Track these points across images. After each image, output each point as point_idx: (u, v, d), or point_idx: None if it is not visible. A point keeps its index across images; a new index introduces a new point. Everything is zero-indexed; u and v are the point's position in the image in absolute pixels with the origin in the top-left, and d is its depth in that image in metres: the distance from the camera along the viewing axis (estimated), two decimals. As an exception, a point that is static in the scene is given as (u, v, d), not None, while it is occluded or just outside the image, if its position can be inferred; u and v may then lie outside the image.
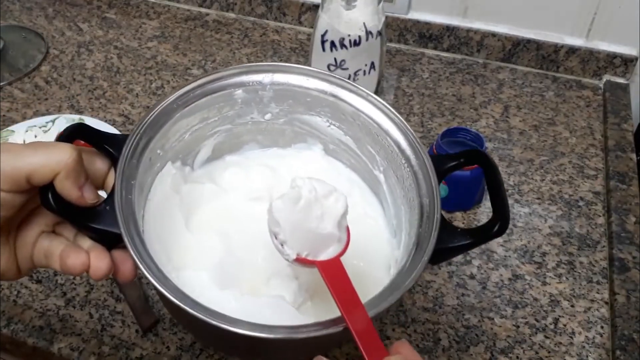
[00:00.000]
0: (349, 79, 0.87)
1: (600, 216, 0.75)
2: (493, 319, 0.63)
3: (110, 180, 0.41)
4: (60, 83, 0.95)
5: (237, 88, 0.50)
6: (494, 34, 1.00)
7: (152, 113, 0.45)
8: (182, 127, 0.49)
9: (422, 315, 0.63)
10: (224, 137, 0.53)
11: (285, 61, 1.02)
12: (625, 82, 0.98)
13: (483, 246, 0.71)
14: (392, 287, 0.37)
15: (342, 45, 0.84)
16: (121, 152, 0.42)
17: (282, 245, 0.38)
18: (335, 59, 0.86)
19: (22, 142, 0.81)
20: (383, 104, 0.49)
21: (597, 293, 0.66)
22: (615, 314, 0.63)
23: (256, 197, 0.51)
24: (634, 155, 0.83)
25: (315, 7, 1.07)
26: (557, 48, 0.98)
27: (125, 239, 0.38)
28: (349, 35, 0.83)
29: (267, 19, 1.12)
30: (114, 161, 0.42)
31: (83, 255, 0.38)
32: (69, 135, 0.41)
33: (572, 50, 0.97)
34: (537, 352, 0.60)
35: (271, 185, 0.51)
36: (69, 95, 0.93)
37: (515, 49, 1.00)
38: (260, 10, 1.11)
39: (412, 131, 0.47)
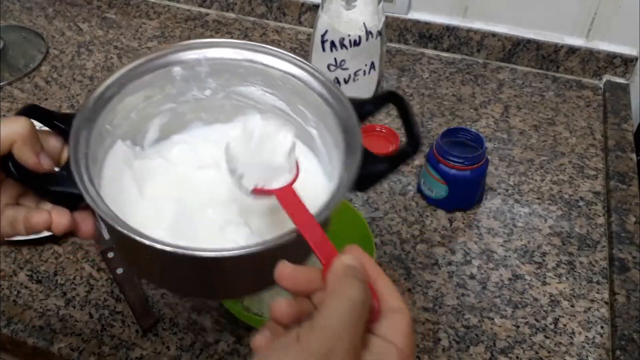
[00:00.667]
0: (349, 79, 0.88)
1: (600, 216, 0.75)
2: (493, 319, 0.63)
3: (65, 156, 0.44)
4: (60, 83, 0.95)
5: (175, 65, 0.52)
6: (494, 34, 1.00)
7: (98, 90, 0.48)
8: (128, 105, 0.51)
9: (422, 315, 0.63)
10: (169, 117, 0.55)
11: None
12: (625, 82, 0.98)
13: (483, 246, 0.71)
14: (324, 205, 0.42)
15: (342, 45, 0.84)
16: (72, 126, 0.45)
17: (240, 179, 0.43)
18: (335, 59, 0.86)
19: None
20: (303, 62, 0.52)
21: (597, 293, 0.66)
22: (615, 314, 0.63)
23: (204, 166, 0.54)
24: (634, 155, 0.83)
25: (315, 7, 1.07)
26: (557, 48, 0.98)
27: (83, 192, 0.41)
28: (349, 35, 0.83)
29: (267, 19, 1.12)
30: (67, 138, 0.44)
31: (45, 214, 0.41)
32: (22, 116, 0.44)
33: (572, 50, 0.97)
34: (537, 352, 0.60)
35: (217, 156, 0.54)
36: (69, 95, 0.93)
37: (515, 49, 1.00)
38: (260, 10, 1.11)
39: (330, 80, 0.51)
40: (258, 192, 0.42)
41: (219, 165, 0.52)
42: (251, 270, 0.44)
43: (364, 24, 0.82)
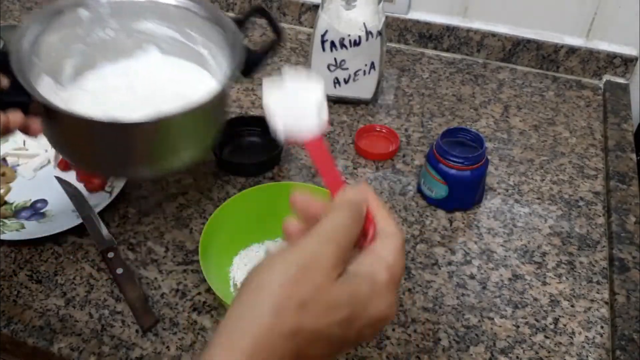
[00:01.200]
0: (349, 79, 0.88)
1: (600, 216, 0.75)
2: (493, 319, 0.63)
3: (5, 82, 0.52)
4: (60, 83, 0.95)
5: (81, 7, 0.61)
6: (494, 34, 1.00)
7: (22, 29, 0.57)
8: (48, 43, 0.59)
9: (422, 315, 0.63)
10: (81, 58, 0.64)
11: (286, 62, 1.02)
12: (625, 82, 0.98)
13: (483, 246, 0.71)
14: (218, 90, 0.56)
15: (342, 45, 0.84)
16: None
17: (275, 124, 0.45)
18: (335, 59, 0.86)
19: (22, 142, 0.81)
20: None
21: (597, 293, 0.66)
22: (615, 314, 0.63)
23: (118, 91, 0.64)
24: (634, 155, 0.83)
25: (315, 7, 1.07)
26: (557, 48, 0.98)
27: (30, 90, 0.50)
28: (349, 35, 0.83)
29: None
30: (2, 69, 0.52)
31: (2, 115, 0.51)
32: None
33: (572, 50, 0.97)
34: (537, 352, 0.60)
35: (128, 84, 0.65)
36: (69, 95, 0.93)
37: (515, 49, 1.00)
38: (260, 10, 1.11)
39: (210, 4, 0.61)
40: (291, 142, 0.45)
41: (129, 88, 0.64)
42: (169, 135, 0.55)
43: (364, 24, 0.82)
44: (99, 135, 0.55)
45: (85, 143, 0.57)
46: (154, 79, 0.65)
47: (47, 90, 0.58)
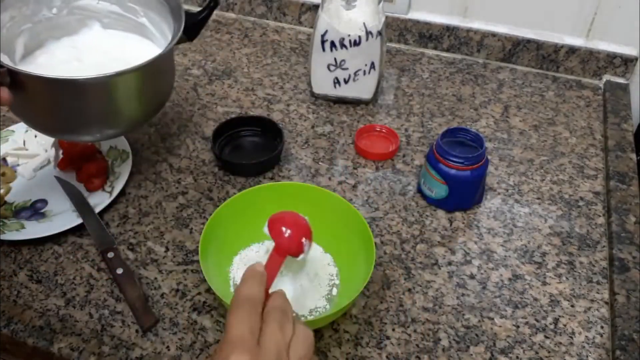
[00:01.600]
0: (349, 79, 0.88)
1: (600, 216, 0.75)
2: (493, 319, 0.63)
3: None
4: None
5: None
6: (494, 34, 1.00)
7: None
8: (1, 21, 0.64)
9: (422, 315, 0.63)
10: (29, 36, 0.69)
11: (286, 62, 1.02)
12: (625, 82, 0.98)
13: (483, 246, 0.71)
14: (164, 51, 0.63)
15: (342, 45, 0.84)
16: None
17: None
18: (335, 59, 0.86)
19: (22, 142, 0.81)
20: None
21: (597, 293, 0.66)
22: (615, 314, 0.63)
23: (67, 62, 0.69)
24: (634, 155, 0.83)
25: (315, 7, 1.07)
26: (557, 48, 0.98)
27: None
28: (349, 35, 0.83)
29: (267, 19, 1.12)
30: None
31: None
32: None
33: (572, 50, 0.97)
34: (537, 352, 0.60)
35: (76, 56, 0.70)
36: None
37: (515, 49, 1.00)
38: (260, 10, 1.11)
39: None
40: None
41: (77, 59, 0.69)
42: (121, 92, 0.61)
43: (364, 24, 0.82)
44: (59, 95, 0.59)
45: (46, 105, 0.61)
46: (100, 51, 0.71)
47: (7, 62, 0.61)
